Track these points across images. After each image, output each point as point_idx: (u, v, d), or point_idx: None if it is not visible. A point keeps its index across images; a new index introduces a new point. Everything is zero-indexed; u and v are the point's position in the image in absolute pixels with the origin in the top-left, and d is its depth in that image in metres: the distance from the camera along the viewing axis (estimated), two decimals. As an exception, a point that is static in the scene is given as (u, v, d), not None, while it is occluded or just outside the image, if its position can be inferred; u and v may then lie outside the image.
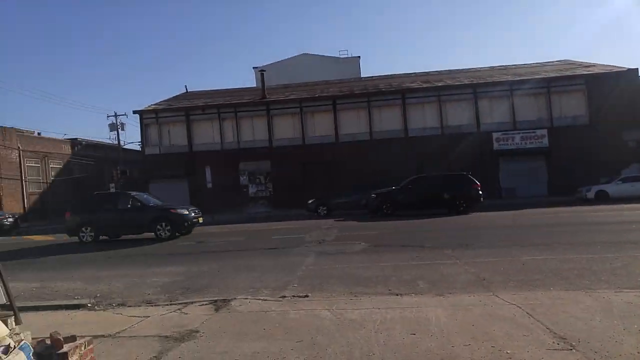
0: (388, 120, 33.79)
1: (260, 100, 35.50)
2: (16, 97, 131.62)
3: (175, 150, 34.77)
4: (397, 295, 7.34)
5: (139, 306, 7.80)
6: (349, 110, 34.29)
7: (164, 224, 17.90)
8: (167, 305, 7.67)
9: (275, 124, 34.60)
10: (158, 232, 17.90)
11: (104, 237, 19.07)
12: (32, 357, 4.22)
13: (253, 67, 47.05)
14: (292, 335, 5.54)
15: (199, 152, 34.37)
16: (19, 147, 38.68)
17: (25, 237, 24.21)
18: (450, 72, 41.83)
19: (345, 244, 13.50)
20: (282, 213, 27.85)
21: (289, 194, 32.26)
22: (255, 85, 43.27)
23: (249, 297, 7.79)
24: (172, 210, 18.39)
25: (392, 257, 11.02)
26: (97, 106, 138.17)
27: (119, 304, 8.03)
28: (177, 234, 18.26)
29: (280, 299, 7.53)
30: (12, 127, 39.45)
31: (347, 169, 31.42)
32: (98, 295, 8.85)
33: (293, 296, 7.63)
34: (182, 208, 19.03)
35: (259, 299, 7.59)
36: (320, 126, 34.15)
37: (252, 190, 34.22)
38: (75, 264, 13.18)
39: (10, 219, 28.35)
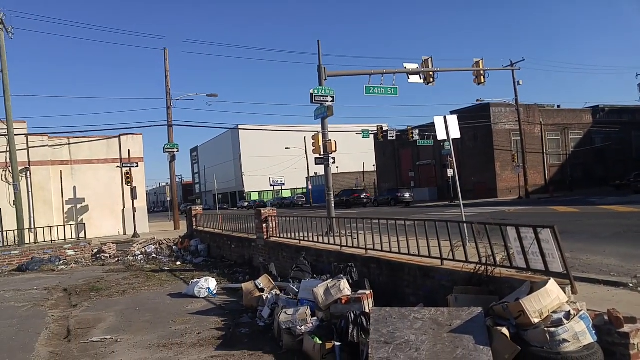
0: None
1: None
2: (533, 74, 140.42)
3: None
4: None
5: None
6: None
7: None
8: None
9: None
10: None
11: None
12: (591, 328, 4.17)
13: None
14: None
15: None
16: (540, 122, 40.98)
17: (553, 207, 25.33)
18: None
19: None
20: None
21: None
22: None
23: None
24: None
25: None
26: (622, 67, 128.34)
27: (669, 290, 7.02)
28: None
29: None
30: (533, 104, 42.09)
31: None
32: (638, 275, 8.06)
33: None
34: None
35: None
36: None
37: None
38: (606, 239, 12.62)
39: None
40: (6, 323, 9.22)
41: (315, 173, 61.85)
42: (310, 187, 61.36)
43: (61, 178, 26.02)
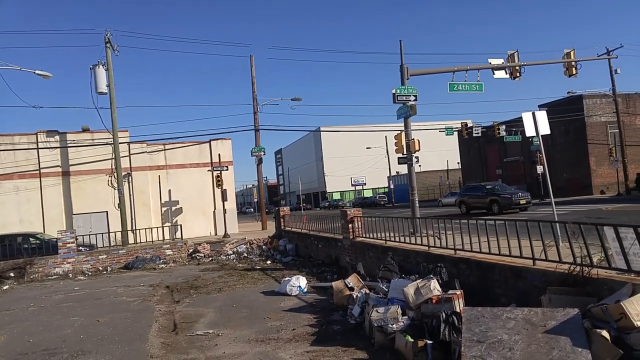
0: None
1: None
2: (633, 61, 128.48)
3: None
4: None
5: None
6: None
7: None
8: None
9: None
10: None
11: None
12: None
13: None
14: None
15: None
16: (642, 112, 37.75)
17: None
18: None
19: None
20: None
21: None
22: None
23: None
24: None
25: None
26: None
27: None
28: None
29: None
30: (634, 93, 38.86)
31: None
32: None
33: None
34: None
35: None
36: None
37: None
38: None
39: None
40: (122, 315, 10.28)
41: (397, 172, 61.35)
42: (392, 186, 60.95)
43: (159, 182, 28.08)
